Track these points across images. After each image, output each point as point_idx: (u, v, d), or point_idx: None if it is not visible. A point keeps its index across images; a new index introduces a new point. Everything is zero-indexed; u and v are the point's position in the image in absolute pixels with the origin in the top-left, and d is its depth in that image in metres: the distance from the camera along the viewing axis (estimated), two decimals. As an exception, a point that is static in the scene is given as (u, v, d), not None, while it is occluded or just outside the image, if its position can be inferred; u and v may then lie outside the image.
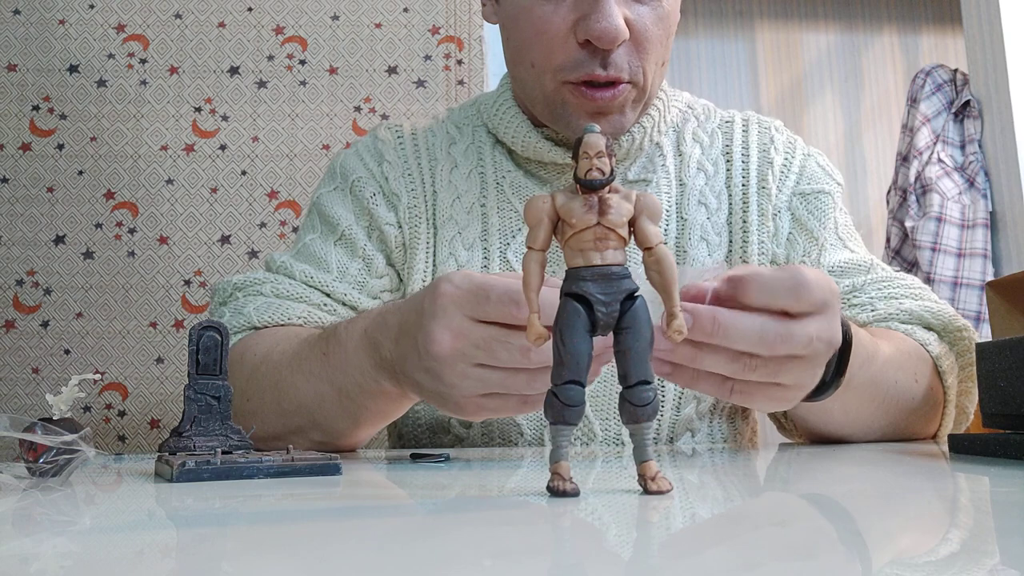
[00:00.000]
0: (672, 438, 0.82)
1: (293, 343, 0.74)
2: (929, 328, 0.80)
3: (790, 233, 0.87)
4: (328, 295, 0.83)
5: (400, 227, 0.87)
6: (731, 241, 0.86)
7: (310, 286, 0.83)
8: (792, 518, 0.35)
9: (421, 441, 0.86)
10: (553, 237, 0.39)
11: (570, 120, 0.80)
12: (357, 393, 0.67)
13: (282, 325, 0.80)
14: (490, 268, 0.84)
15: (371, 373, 0.64)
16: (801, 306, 0.52)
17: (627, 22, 0.75)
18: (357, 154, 0.91)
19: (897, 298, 0.82)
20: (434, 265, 0.86)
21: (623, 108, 0.79)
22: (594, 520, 0.34)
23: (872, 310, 0.81)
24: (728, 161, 0.89)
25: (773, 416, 0.83)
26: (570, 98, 0.78)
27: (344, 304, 0.83)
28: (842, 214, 0.90)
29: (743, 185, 0.88)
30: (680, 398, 0.82)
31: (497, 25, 0.86)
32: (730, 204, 0.87)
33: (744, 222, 0.86)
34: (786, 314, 0.52)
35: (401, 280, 0.87)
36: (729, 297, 0.52)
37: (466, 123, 0.92)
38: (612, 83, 0.77)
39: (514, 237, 0.85)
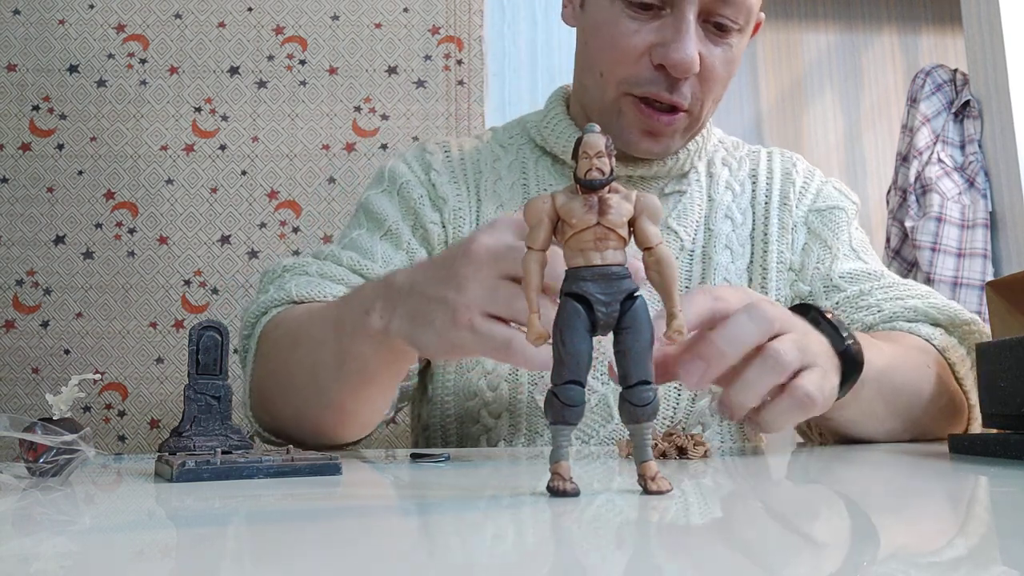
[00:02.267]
0: (684, 428, 0.84)
1: (321, 306, 0.75)
2: (935, 324, 0.82)
3: (805, 243, 0.93)
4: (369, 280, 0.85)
5: (444, 227, 0.90)
6: (752, 252, 0.92)
7: (355, 271, 0.85)
8: (792, 518, 0.35)
9: (448, 432, 0.87)
10: (553, 237, 0.39)
11: (621, 132, 0.85)
12: (349, 329, 0.64)
13: (319, 301, 0.80)
14: None
15: (368, 300, 0.62)
16: (772, 325, 0.55)
17: (700, 57, 0.80)
18: (405, 162, 0.96)
19: (902, 298, 0.85)
20: None
21: (674, 134, 0.86)
22: (594, 520, 0.34)
23: (879, 311, 0.84)
24: (754, 183, 0.96)
25: None
26: (628, 109, 0.83)
27: (361, 288, 0.84)
28: (857, 231, 0.96)
29: (766, 203, 0.94)
30: (697, 391, 0.83)
31: (574, 28, 0.91)
32: (753, 220, 0.94)
33: (765, 235, 0.93)
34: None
35: None
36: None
37: (511, 142, 0.97)
38: (672, 109, 0.83)
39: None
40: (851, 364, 0.62)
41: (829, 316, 0.64)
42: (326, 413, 0.71)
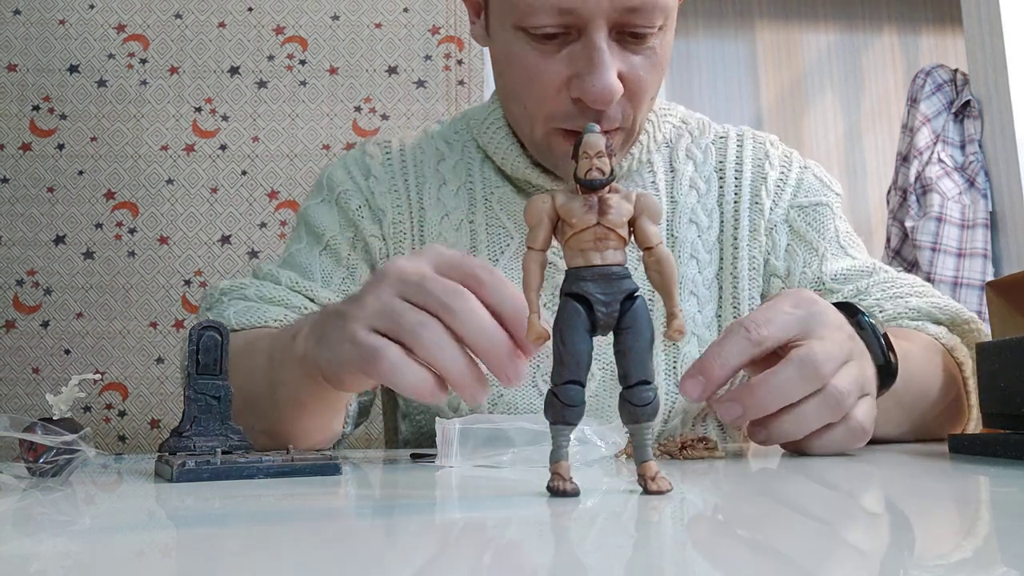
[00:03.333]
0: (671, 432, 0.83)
1: (260, 334, 0.74)
2: (938, 323, 0.81)
3: (788, 245, 0.87)
4: (311, 300, 0.83)
5: (384, 240, 0.87)
6: (721, 258, 0.86)
7: (294, 291, 0.83)
8: (792, 519, 0.35)
9: (421, 445, 0.86)
10: (553, 237, 0.39)
11: (558, 161, 0.80)
12: (279, 356, 0.63)
13: (259, 327, 0.79)
14: None
15: (298, 327, 0.61)
16: (823, 379, 0.53)
17: (621, 76, 0.73)
18: (344, 167, 0.91)
19: (903, 297, 0.82)
20: None
21: (612, 153, 0.79)
22: (594, 520, 0.34)
23: (880, 311, 0.81)
24: (721, 178, 0.89)
25: None
26: (559, 144, 0.78)
27: (304, 316, 0.83)
28: (842, 222, 0.90)
29: (735, 202, 0.88)
30: (670, 411, 0.83)
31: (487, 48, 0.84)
32: (721, 221, 0.87)
33: (735, 239, 0.86)
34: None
35: None
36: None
37: (456, 139, 0.91)
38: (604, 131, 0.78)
39: (503, 253, 0.84)
40: (886, 375, 0.62)
41: (874, 322, 0.63)
42: (269, 438, 0.67)
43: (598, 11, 0.69)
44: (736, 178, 0.89)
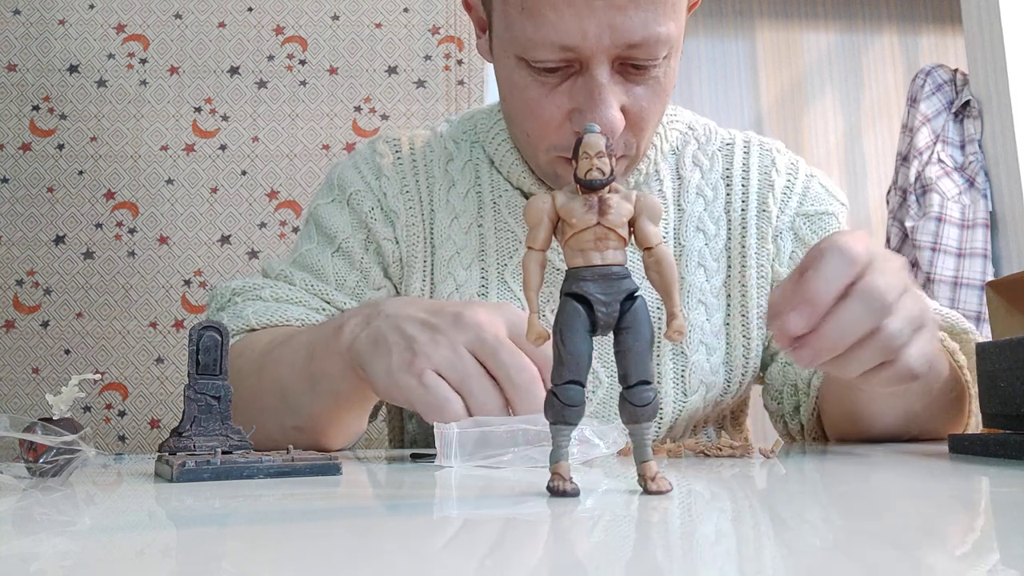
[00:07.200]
0: (678, 435, 0.84)
1: (291, 331, 0.75)
2: (939, 329, 0.81)
3: (793, 252, 0.87)
4: (328, 302, 0.84)
5: (397, 243, 0.86)
6: (729, 266, 0.86)
7: (310, 292, 0.83)
8: (791, 518, 0.35)
9: (429, 444, 0.86)
10: (553, 237, 0.39)
11: (563, 186, 0.79)
12: (320, 349, 0.66)
13: (282, 326, 0.80)
14: (488, 288, 0.84)
15: (344, 319, 0.64)
16: (888, 309, 0.53)
17: (624, 109, 0.72)
18: (355, 167, 0.90)
19: None
20: (432, 284, 0.85)
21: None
22: (594, 520, 0.34)
23: None
24: (728, 185, 0.89)
25: (783, 425, 0.85)
26: (564, 172, 0.77)
27: (343, 312, 0.83)
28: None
29: (742, 209, 0.88)
30: (675, 419, 0.83)
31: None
32: (729, 229, 0.87)
33: (743, 247, 0.86)
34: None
35: (398, 293, 0.87)
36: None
37: (463, 139, 0.91)
38: None
39: (511, 257, 0.84)
40: None
41: None
42: (300, 434, 0.69)
43: (599, 48, 0.69)
44: (743, 185, 0.89)
